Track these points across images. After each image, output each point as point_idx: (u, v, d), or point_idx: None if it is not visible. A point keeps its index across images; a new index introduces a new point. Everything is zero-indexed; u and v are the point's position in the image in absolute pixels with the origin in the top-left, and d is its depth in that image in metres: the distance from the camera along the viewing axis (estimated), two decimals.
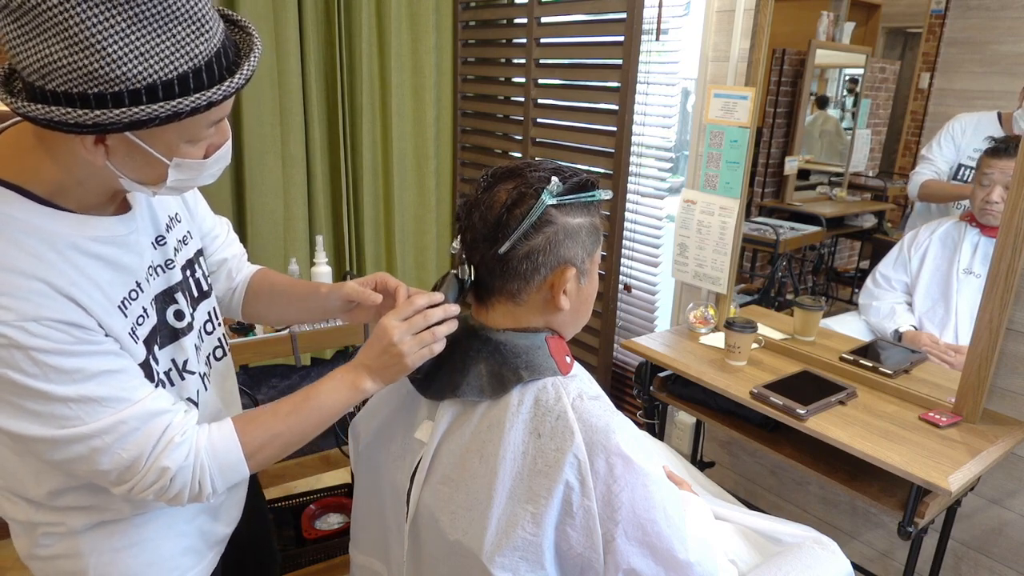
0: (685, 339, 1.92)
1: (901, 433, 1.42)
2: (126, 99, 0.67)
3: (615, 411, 0.85)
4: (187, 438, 0.84)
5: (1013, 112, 1.67)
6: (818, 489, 2.05)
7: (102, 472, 0.80)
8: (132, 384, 0.81)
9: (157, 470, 0.81)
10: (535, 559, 0.79)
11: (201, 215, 1.10)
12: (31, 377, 0.73)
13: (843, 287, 2.20)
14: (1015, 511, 1.61)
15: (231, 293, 1.18)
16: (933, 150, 1.84)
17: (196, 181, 0.83)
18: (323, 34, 2.62)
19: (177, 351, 0.94)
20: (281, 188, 2.61)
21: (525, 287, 0.86)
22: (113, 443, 0.79)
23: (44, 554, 0.94)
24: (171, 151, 0.76)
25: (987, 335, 1.43)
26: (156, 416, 0.82)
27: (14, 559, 0.99)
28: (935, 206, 1.89)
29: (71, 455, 0.78)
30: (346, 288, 1.05)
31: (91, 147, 0.73)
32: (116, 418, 0.78)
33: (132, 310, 0.85)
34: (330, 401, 0.91)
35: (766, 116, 2.07)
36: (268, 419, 0.90)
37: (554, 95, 2.53)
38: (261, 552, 1.33)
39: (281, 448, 0.90)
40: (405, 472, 0.94)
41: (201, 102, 0.70)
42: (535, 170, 0.85)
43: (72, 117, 0.66)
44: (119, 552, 0.95)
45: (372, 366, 0.90)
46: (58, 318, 0.74)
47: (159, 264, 0.93)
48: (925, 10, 1.78)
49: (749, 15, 1.90)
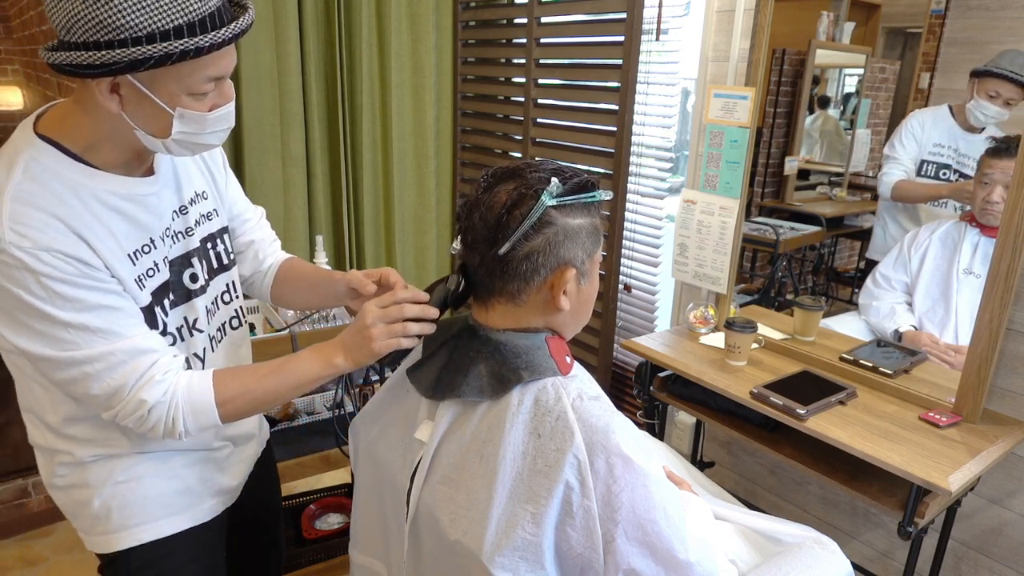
0: (685, 339, 1.92)
1: (901, 433, 1.42)
2: (129, 44, 0.81)
3: (615, 411, 0.85)
4: (167, 378, 0.95)
5: (966, 104, 1.72)
6: (818, 489, 2.05)
7: (92, 396, 0.93)
8: (127, 322, 0.93)
9: (136, 401, 0.93)
10: (535, 559, 0.79)
11: (232, 198, 1.23)
12: (38, 299, 0.86)
13: (843, 287, 2.20)
14: (1015, 511, 1.61)
15: (261, 276, 1.30)
16: (896, 149, 1.87)
17: (201, 137, 0.94)
18: (323, 34, 2.62)
19: (189, 310, 1.07)
20: (281, 188, 2.61)
21: (525, 288, 0.86)
22: (102, 371, 0.91)
23: (60, 483, 1.08)
24: (174, 100, 0.88)
25: (987, 335, 1.43)
26: (143, 354, 0.93)
27: (14, 559, 1.02)
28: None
29: (68, 376, 0.91)
30: (350, 276, 1.16)
31: (107, 94, 0.86)
32: (107, 348, 0.90)
33: (142, 262, 0.97)
34: (303, 369, 0.99)
35: (766, 116, 2.07)
36: (246, 377, 1.00)
37: (554, 95, 2.53)
38: (268, 520, 1.44)
39: (252, 403, 1.01)
40: (405, 472, 0.94)
41: (189, 46, 0.82)
42: (535, 171, 0.85)
43: (86, 59, 0.81)
44: (119, 485, 1.07)
45: (347, 343, 0.98)
46: (68, 252, 0.87)
47: (180, 231, 1.06)
48: (925, 10, 1.78)
49: (749, 15, 1.90)
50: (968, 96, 1.71)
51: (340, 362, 0.98)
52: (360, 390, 2.57)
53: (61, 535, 2.39)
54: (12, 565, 2.23)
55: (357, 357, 0.97)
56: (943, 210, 1.84)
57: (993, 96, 1.66)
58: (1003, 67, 1.62)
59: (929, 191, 1.86)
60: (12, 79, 5.06)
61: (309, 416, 2.99)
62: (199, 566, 1.17)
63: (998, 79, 1.64)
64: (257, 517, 1.37)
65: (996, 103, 1.66)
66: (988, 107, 1.67)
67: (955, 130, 1.79)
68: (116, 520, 1.08)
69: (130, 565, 1.11)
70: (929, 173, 1.84)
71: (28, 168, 0.88)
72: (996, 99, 1.65)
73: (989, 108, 1.67)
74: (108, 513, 1.07)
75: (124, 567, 1.11)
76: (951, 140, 1.80)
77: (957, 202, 1.81)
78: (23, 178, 0.87)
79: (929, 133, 1.82)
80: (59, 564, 2.25)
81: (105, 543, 1.10)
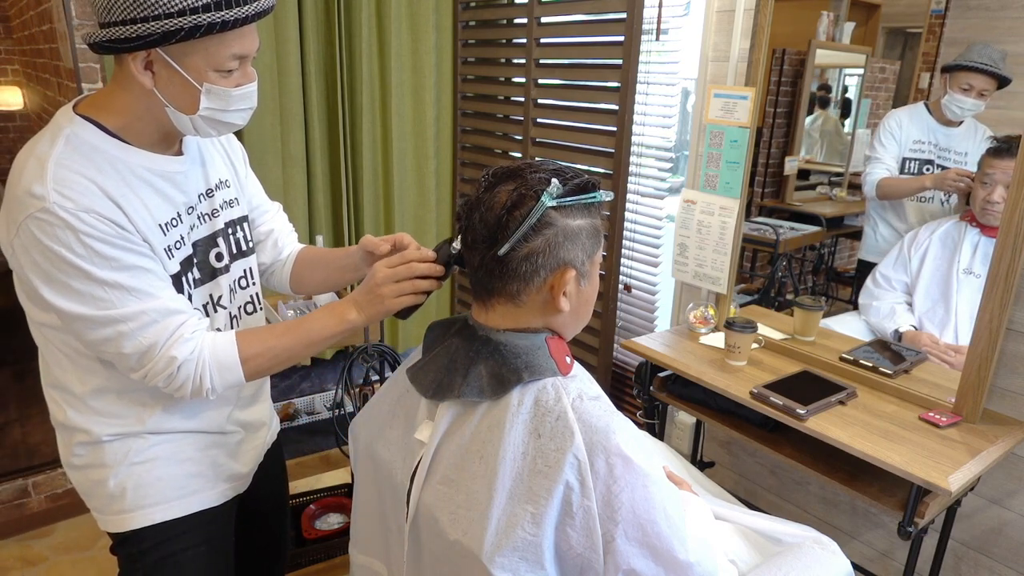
0: (685, 339, 1.92)
1: (901, 433, 1.42)
2: (163, 17, 0.89)
3: (615, 411, 0.85)
4: (195, 336, 1.01)
5: (941, 100, 1.75)
6: (818, 489, 2.05)
7: (124, 355, 0.98)
8: (158, 284, 1.00)
9: (167, 359, 0.98)
10: (535, 559, 0.79)
11: (251, 191, 1.30)
12: (78, 256, 0.92)
13: (843, 287, 2.20)
14: (1015, 511, 1.61)
15: (281, 265, 1.37)
16: (877, 149, 1.89)
17: (227, 115, 1.01)
18: (323, 34, 2.62)
19: (214, 288, 1.14)
20: (281, 188, 2.61)
21: (525, 288, 0.86)
22: (135, 329, 0.97)
23: (77, 463, 1.13)
24: (201, 76, 0.95)
25: (987, 335, 1.43)
26: (173, 314, 1.00)
27: (14, 559, 1.03)
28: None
29: (102, 336, 0.97)
30: (364, 239, 1.20)
31: (141, 70, 0.94)
32: (140, 307, 0.96)
33: (171, 234, 1.04)
34: (319, 326, 1.07)
35: (766, 116, 2.07)
36: (265, 335, 1.07)
37: (554, 95, 2.53)
38: (275, 509, 1.47)
39: (272, 360, 1.07)
40: (405, 472, 0.94)
41: (216, 19, 0.90)
42: (536, 171, 0.85)
43: (124, 33, 0.89)
44: (134, 466, 1.11)
45: (359, 301, 1.05)
46: (106, 215, 0.93)
47: (206, 212, 1.13)
48: (925, 10, 1.78)
49: (749, 15, 1.90)
50: (942, 92, 1.74)
51: (354, 317, 1.06)
52: (360, 390, 2.57)
53: (61, 535, 2.39)
54: (12, 565, 2.23)
55: (371, 312, 1.04)
56: (929, 206, 1.86)
57: (966, 89, 1.68)
58: (973, 60, 1.65)
59: (912, 184, 1.88)
60: (12, 79, 5.06)
61: (309, 416, 2.99)
62: (208, 549, 1.21)
63: (969, 72, 1.67)
64: (265, 509, 1.40)
65: (970, 96, 1.68)
66: (963, 100, 1.70)
67: (933, 126, 1.81)
68: (130, 500, 1.12)
69: (141, 544, 1.15)
70: (912, 170, 1.86)
71: (69, 141, 0.95)
72: (969, 92, 1.68)
73: (964, 101, 1.70)
74: (123, 493, 1.11)
75: (136, 546, 1.15)
76: (930, 136, 1.82)
77: (942, 192, 1.83)
78: (65, 148, 0.94)
79: (907, 131, 1.85)
80: (59, 564, 2.25)
81: (118, 522, 1.14)
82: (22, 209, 0.91)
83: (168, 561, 1.16)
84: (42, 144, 0.95)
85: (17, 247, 0.94)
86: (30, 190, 0.90)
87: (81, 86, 2.17)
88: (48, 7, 2.63)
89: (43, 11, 2.83)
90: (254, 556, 1.43)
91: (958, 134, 1.77)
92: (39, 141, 0.96)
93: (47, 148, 0.94)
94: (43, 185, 0.90)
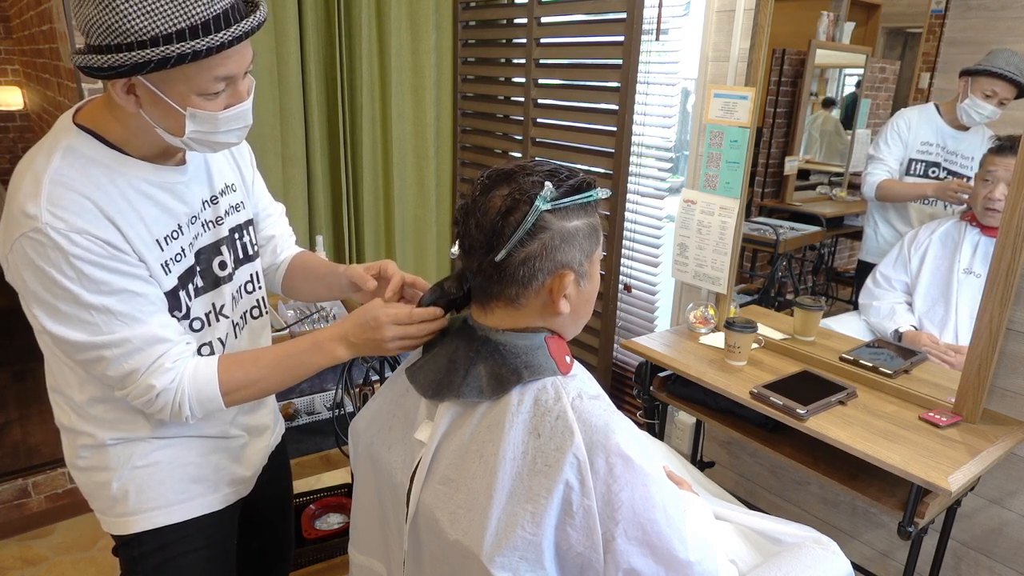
0: (685, 339, 1.92)
1: (901, 433, 1.42)
2: (134, 47, 0.84)
3: (615, 411, 0.85)
4: (176, 366, 1.00)
5: (957, 104, 1.72)
6: (818, 489, 2.05)
7: (108, 376, 0.99)
8: (148, 309, 0.98)
9: (146, 386, 0.99)
10: (535, 559, 0.79)
11: (258, 195, 1.29)
12: (67, 279, 0.91)
13: (843, 287, 2.20)
14: (1015, 511, 1.61)
15: (275, 269, 1.37)
16: (881, 149, 1.86)
17: (217, 136, 0.97)
18: (323, 34, 2.62)
19: (216, 296, 1.12)
20: (281, 188, 2.61)
21: (523, 292, 0.86)
22: (119, 356, 0.96)
23: (82, 464, 1.13)
24: (184, 101, 0.91)
25: (987, 335, 1.43)
26: (158, 342, 0.99)
27: (14, 559, 1.03)
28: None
29: (87, 358, 0.97)
30: (351, 271, 1.21)
31: (123, 95, 0.91)
32: (126, 334, 0.95)
33: (170, 248, 1.03)
34: (308, 361, 1.05)
35: (766, 116, 2.07)
36: (250, 367, 1.06)
37: (554, 95, 2.53)
38: (279, 513, 1.48)
39: (257, 393, 1.07)
40: (405, 472, 0.94)
41: (186, 50, 0.84)
42: (530, 174, 0.84)
43: (98, 62, 0.86)
44: (137, 470, 1.12)
45: (352, 339, 1.03)
46: (99, 235, 0.92)
47: (210, 220, 1.11)
48: (925, 10, 1.78)
49: (749, 15, 1.90)
50: (961, 95, 1.70)
51: (342, 354, 1.04)
52: (360, 390, 2.57)
53: (61, 535, 2.39)
54: (12, 565, 2.23)
55: (363, 352, 1.03)
56: (932, 208, 1.84)
57: (989, 95, 1.65)
58: (999, 67, 1.61)
59: (914, 190, 1.86)
60: (12, 79, 5.06)
61: (309, 416, 2.99)
62: (210, 553, 1.21)
63: (994, 78, 1.63)
64: (268, 512, 1.40)
65: (991, 102, 1.65)
66: (984, 106, 1.67)
67: (943, 128, 1.79)
68: (133, 503, 1.12)
69: (143, 548, 1.15)
70: (918, 172, 1.84)
71: (67, 155, 0.93)
72: (992, 98, 1.65)
73: (985, 107, 1.67)
74: (125, 496, 1.12)
75: (137, 549, 1.15)
76: (939, 138, 1.80)
77: (943, 200, 1.81)
78: (61, 163, 0.92)
79: (916, 132, 1.82)
80: (59, 564, 2.25)
81: (121, 525, 1.14)
82: (17, 227, 0.90)
83: (169, 565, 1.16)
84: (40, 158, 0.93)
85: (11, 264, 0.93)
86: (24, 209, 0.89)
87: (81, 86, 2.17)
88: (48, 7, 2.63)
89: (43, 11, 2.83)
90: (257, 558, 1.43)
91: (967, 138, 1.75)
92: (38, 154, 0.95)
93: (44, 163, 0.92)
94: (37, 204, 0.89)
